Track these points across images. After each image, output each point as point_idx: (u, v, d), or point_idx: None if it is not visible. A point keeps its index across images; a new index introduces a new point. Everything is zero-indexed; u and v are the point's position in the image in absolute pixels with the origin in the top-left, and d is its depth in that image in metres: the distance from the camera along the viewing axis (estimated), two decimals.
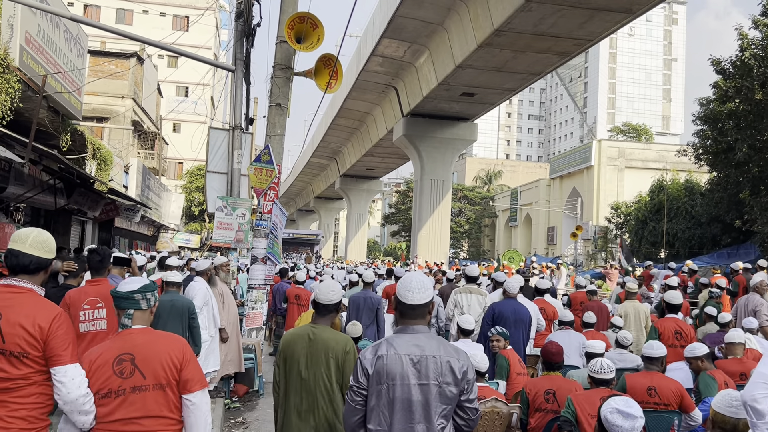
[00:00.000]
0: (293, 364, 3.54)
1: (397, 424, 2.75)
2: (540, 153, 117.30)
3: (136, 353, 2.87)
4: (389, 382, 2.76)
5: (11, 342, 2.72)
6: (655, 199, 31.75)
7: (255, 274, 10.05)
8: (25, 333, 2.73)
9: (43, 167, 10.65)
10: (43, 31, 10.87)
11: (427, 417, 2.75)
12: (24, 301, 2.82)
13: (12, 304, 2.78)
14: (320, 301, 3.65)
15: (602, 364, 4.43)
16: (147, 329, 3.01)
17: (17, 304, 2.79)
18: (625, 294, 9.66)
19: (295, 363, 3.53)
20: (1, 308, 2.76)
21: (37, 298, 2.90)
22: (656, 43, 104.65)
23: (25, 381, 2.75)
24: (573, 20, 19.67)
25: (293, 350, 3.55)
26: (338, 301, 3.67)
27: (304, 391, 3.49)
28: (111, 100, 25.86)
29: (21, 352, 2.73)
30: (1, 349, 2.72)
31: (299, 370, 3.51)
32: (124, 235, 24.49)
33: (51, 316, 2.82)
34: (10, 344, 2.72)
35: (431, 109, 30.81)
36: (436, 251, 32.19)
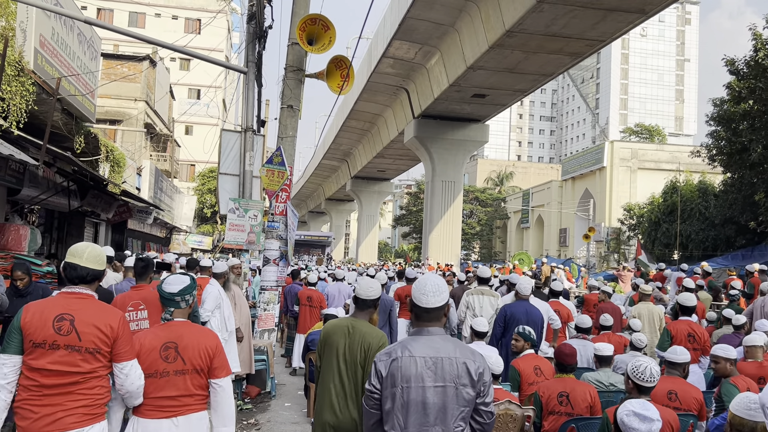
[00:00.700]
0: (332, 354, 3.67)
1: (412, 428, 2.74)
2: (552, 154, 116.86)
3: (179, 342, 3.45)
4: (403, 384, 2.76)
5: (87, 340, 3.16)
6: (668, 200, 31.54)
7: (267, 276, 10.07)
8: (99, 332, 3.18)
9: (57, 169, 10.72)
10: (57, 34, 10.95)
11: (443, 420, 2.74)
12: (90, 305, 3.27)
13: (81, 308, 3.22)
14: (360, 296, 3.83)
15: (651, 371, 4.08)
16: (186, 322, 3.59)
17: (85, 308, 3.24)
18: (638, 296, 9.59)
19: (333, 352, 3.66)
20: (72, 311, 3.19)
21: (100, 302, 3.36)
22: (669, 43, 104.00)
23: (92, 375, 3.18)
24: (585, 21, 19.58)
25: (333, 340, 3.69)
26: (377, 297, 3.86)
27: (341, 380, 3.60)
28: (124, 102, 26.02)
29: (95, 349, 3.17)
30: (77, 347, 3.14)
31: (338, 360, 3.63)
32: (137, 236, 24.62)
33: (118, 317, 3.31)
34: (86, 342, 3.16)
35: (442, 111, 30.77)
36: (447, 253, 32.13)
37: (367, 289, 3.82)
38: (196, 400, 3.48)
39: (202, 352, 3.47)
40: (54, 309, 3.19)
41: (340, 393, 3.56)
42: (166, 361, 3.40)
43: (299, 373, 10.42)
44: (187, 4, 49.91)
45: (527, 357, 5.78)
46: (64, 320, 3.15)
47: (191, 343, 3.47)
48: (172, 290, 3.57)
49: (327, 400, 3.58)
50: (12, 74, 8.14)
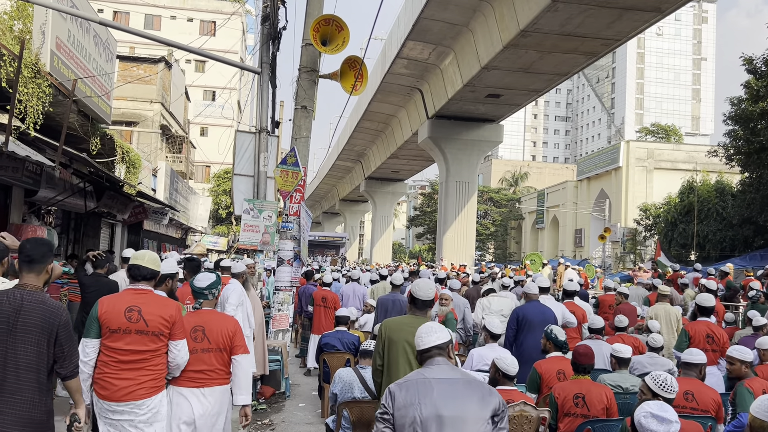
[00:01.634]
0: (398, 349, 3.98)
1: None
2: (567, 154, 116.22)
3: (206, 326, 4.30)
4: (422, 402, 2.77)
5: (153, 325, 3.97)
6: (684, 200, 31.27)
7: (281, 276, 10.08)
8: (162, 319, 3.99)
9: (73, 171, 10.81)
10: (73, 36, 11.03)
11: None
12: (151, 299, 4.09)
13: (145, 301, 4.03)
14: (420, 297, 4.19)
15: (673, 383, 4.02)
16: (212, 311, 4.50)
17: (148, 300, 4.05)
18: (656, 296, 9.49)
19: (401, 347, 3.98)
20: (139, 304, 4.00)
21: (158, 296, 4.19)
22: (685, 42, 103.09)
23: (155, 353, 4.00)
24: (600, 20, 19.44)
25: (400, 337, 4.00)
26: (433, 298, 4.27)
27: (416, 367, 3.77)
28: (140, 104, 26.19)
29: (159, 332, 3.98)
30: (146, 331, 3.95)
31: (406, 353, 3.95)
32: (153, 237, 24.77)
33: (174, 307, 4.13)
34: (152, 327, 3.97)
35: (456, 111, 30.68)
36: (461, 253, 32.04)
37: (427, 291, 4.20)
38: (219, 375, 4.28)
39: (224, 333, 4.30)
40: (124, 302, 4.01)
41: None
42: (195, 341, 4.22)
43: (314, 373, 10.43)
44: (202, 6, 50.17)
45: (552, 359, 5.67)
46: (133, 311, 3.96)
47: (216, 326, 4.32)
48: (201, 285, 4.46)
49: None
50: (29, 76, 8.22)
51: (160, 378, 4.06)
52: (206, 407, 4.22)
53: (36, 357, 3.30)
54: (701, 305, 7.20)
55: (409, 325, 3.96)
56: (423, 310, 4.22)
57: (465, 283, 14.80)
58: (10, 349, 3.25)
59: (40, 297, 3.37)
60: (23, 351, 3.27)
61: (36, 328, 3.30)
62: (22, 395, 3.25)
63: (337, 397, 5.46)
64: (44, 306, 3.35)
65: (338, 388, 5.43)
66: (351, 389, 5.40)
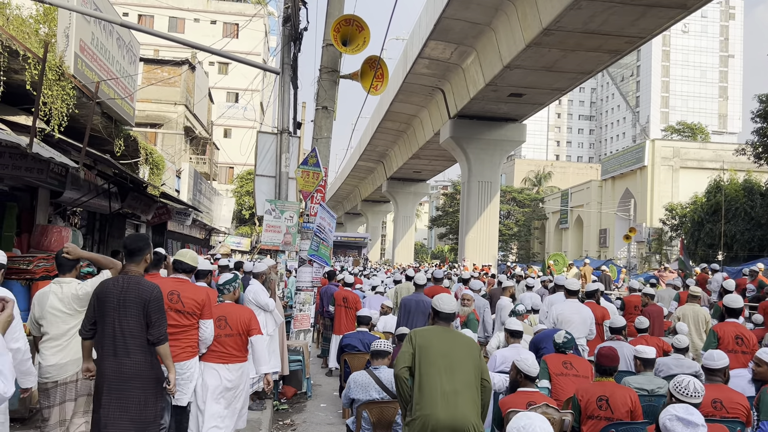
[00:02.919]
0: (431, 359, 4.10)
1: None
2: (591, 154, 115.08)
3: (227, 316, 5.44)
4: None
5: (188, 307, 5.04)
6: (711, 200, 30.77)
7: (302, 276, 10.10)
8: (195, 302, 5.06)
9: (97, 172, 10.93)
10: (96, 38, 11.16)
11: None
12: (188, 286, 5.19)
13: (183, 288, 5.11)
14: (442, 310, 4.35)
15: (696, 386, 3.88)
16: (231, 303, 5.68)
17: (185, 287, 5.14)
18: (687, 296, 9.33)
19: (435, 358, 4.09)
20: (178, 290, 5.05)
21: (194, 284, 5.39)
22: (712, 39, 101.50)
23: (190, 327, 5.07)
24: (624, 17, 19.20)
25: (431, 346, 4.13)
26: (455, 311, 4.47)
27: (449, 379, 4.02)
28: (164, 106, 26.46)
29: (192, 312, 5.06)
30: (183, 311, 5.01)
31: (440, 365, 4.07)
32: (177, 238, 24.99)
33: (206, 293, 5.22)
34: (188, 308, 5.03)
35: (478, 111, 30.53)
36: (484, 254, 31.87)
37: (450, 304, 4.39)
38: (240, 354, 5.44)
39: (242, 321, 5.44)
40: (167, 287, 4.96)
41: (450, 391, 3.96)
42: (219, 328, 5.31)
43: (335, 373, 10.42)
44: (225, 8, 50.60)
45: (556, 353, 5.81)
46: (173, 294, 4.99)
47: (235, 316, 5.46)
48: (221, 282, 5.78)
49: (437, 399, 3.94)
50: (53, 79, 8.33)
51: (194, 347, 5.15)
52: (231, 378, 5.35)
53: (138, 326, 4.24)
54: (729, 306, 7.05)
55: (441, 338, 4.20)
56: (447, 322, 4.38)
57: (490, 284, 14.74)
58: (121, 321, 4.19)
59: (137, 279, 4.32)
60: (127, 322, 4.18)
61: (134, 303, 4.23)
62: (132, 356, 4.19)
63: (354, 401, 5.45)
64: (139, 285, 4.28)
65: (355, 393, 5.42)
66: (368, 391, 5.37)
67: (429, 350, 4.11)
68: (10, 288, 6.99)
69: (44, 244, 9.51)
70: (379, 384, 5.38)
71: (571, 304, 7.84)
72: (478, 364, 4.13)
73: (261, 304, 7.34)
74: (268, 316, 7.48)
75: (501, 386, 5.42)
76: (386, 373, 5.49)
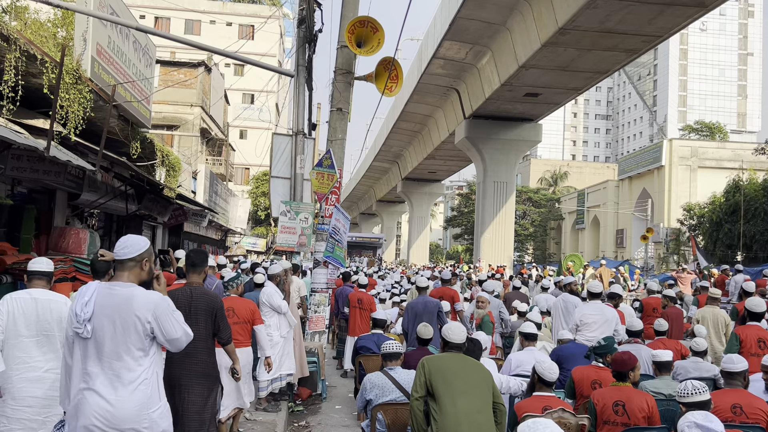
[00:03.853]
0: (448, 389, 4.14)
1: None
2: (607, 153, 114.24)
3: (234, 307, 6.33)
4: None
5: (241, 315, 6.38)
6: (730, 199, 30.42)
7: (317, 278, 10.11)
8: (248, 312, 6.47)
9: (114, 174, 11.02)
10: (113, 42, 11.25)
11: None
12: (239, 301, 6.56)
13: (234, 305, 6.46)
14: (452, 341, 4.52)
15: (693, 384, 3.90)
16: (236, 297, 6.61)
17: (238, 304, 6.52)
18: (706, 298, 9.22)
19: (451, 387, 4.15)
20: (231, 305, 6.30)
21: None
22: (730, 37, 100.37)
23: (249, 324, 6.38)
24: (641, 16, 19.02)
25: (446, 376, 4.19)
26: (464, 340, 4.60)
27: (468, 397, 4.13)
28: (180, 108, 26.63)
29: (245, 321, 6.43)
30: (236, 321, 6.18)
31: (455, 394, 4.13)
32: (193, 239, 25.14)
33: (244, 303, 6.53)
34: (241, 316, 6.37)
35: (494, 111, 30.40)
36: (499, 255, 31.73)
37: (459, 335, 4.54)
38: (245, 339, 6.36)
39: (247, 311, 6.43)
40: None
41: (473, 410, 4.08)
42: (228, 318, 5.35)
43: (350, 375, 10.43)
44: (241, 10, 50.84)
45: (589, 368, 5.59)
46: None
47: (240, 308, 6.43)
48: (226, 280, 6.84)
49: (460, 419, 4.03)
50: (70, 82, 8.40)
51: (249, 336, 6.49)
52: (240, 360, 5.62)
53: (204, 331, 4.70)
54: (751, 310, 6.93)
55: (454, 362, 4.33)
56: (458, 351, 4.50)
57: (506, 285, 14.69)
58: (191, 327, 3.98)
59: (202, 290, 4.84)
60: (195, 328, 4.29)
61: (202, 312, 4.72)
62: (198, 357, 4.63)
63: (371, 402, 5.41)
64: (206, 296, 4.79)
65: (373, 394, 5.39)
66: (385, 392, 5.35)
67: (444, 373, 4.20)
68: None
69: (62, 246, 9.61)
70: (396, 384, 5.36)
71: (594, 306, 7.85)
72: (491, 387, 4.25)
73: (274, 307, 7.39)
74: (281, 318, 7.50)
75: (517, 390, 5.39)
76: (401, 373, 5.48)
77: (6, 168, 7.93)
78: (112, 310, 3.30)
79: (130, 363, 3.29)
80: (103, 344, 3.28)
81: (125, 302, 3.32)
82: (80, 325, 3.27)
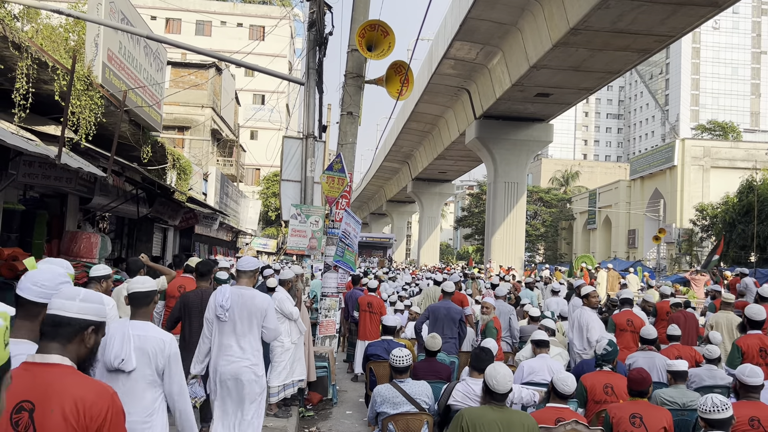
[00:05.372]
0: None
1: None
2: (619, 153, 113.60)
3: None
4: None
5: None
6: (743, 200, 30.16)
7: (328, 282, 10.09)
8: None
9: (125, 178, 11.06)
10: (124, 47, 11.27)
11: None
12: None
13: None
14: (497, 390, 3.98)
15: (713, 401, 3.76)
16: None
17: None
18: (720, 303, 9.10)
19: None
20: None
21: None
22: (744, 35, 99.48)
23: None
24: (654, 16, 18.87)
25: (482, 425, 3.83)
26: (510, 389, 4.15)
27: None
28: (191, 109, 26.72)
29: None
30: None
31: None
32: (204, 241, 25.22)
33: None
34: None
35: (505, 111, 30.28)
36: (510, 255, 31.60)
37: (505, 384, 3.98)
38: None
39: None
40: None
41: None
42: None
43: (360, 379, 10.40)
44: (252, 11, 50.94)
45: (599, 373, 5.54)
46: None
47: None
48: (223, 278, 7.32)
49: None
50: (81, 89, 8.43)
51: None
52: None
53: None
54: (752, 318, 6.78)
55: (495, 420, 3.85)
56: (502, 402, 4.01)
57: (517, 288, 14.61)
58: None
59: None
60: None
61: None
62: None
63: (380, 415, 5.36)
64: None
65: (382, 407, 5.32)
66: (396, 405, 5.29)
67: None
68: None
69: (74, 251, 9.64)
70: (407, 397, 5.31)
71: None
72: None
73: (285, 313, 7.33)
74: (292, 325, 7.48)
75: (529, 400, 5.33)
76: (412, 385, 5.42)
77: (18, 174, 7.97)
78: (242, 304, 5.14)
79: (251, 339, 5.18)
80: (235, 325, 5.13)
81: (250, 299, 5.19)
82: (223, 312, 5.09)
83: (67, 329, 2.30)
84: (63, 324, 2.29)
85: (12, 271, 7.26)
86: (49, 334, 2.30)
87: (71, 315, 2.31)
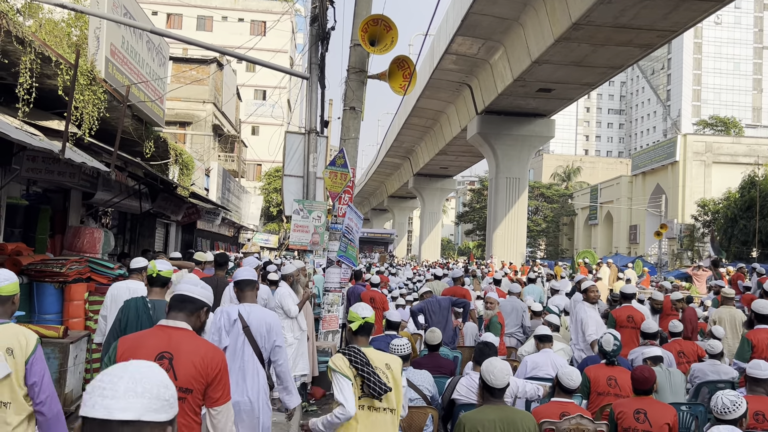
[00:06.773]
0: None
1: None
2: (621, 148, 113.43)
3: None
4: None
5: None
6: (745, 195, 30.17)
7: (330, 278, 10.09)
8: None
9: (128, 173, 11.06)
10: (126, 42, 11.27)
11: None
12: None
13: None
14: (494, 385, 3.88)
15: (724, 401, 3.74)
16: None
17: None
18: (721, 298, 9.11)
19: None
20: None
21: None
22: (746, 30, 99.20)
23: None
24: (656, 11, 18.84)
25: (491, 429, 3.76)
26: (508, 383, 4.01)
27: None
28: (193, 105, 26.72)
29: None
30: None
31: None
32: (206, 236, 25.24)
33: None
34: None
35: (506, 106, 30.26)
36: (512, 251, 31.61)
37: (502, 378, 3.90)
38: None
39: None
40: None
41: None
42: None
43: None
44: (253, 6, 50.85)
45: (603, 365, 5.55)
46: None
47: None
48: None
49: None
50: (84, 84, 8.43)
51: None
52: None
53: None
54: (759, 312, 6.78)
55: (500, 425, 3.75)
56: (500, 398, 3.91)
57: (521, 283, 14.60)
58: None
59: (223, 280, 5.58)
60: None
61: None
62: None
63: None
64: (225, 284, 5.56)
65: None
66: None
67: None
68: (44, 291, 7.12)
69: (77, 246, 9.65)
70: (409, 383, 5.32)
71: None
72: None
73: (285, 310, 7.38)
74: (294, 320, 7.50)
75: (533, 394, 5.34)
76: (413, 373, 5.45)
77: (22, 169, 7.98)
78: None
79: None
80: None
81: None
82: None
83: (190, 305, 3.07)
84: (188, 301, 3.06)
85: (16, 266, 7.27)
86: (177, 308, 3.06)
87: (195, 296, 3.08)
